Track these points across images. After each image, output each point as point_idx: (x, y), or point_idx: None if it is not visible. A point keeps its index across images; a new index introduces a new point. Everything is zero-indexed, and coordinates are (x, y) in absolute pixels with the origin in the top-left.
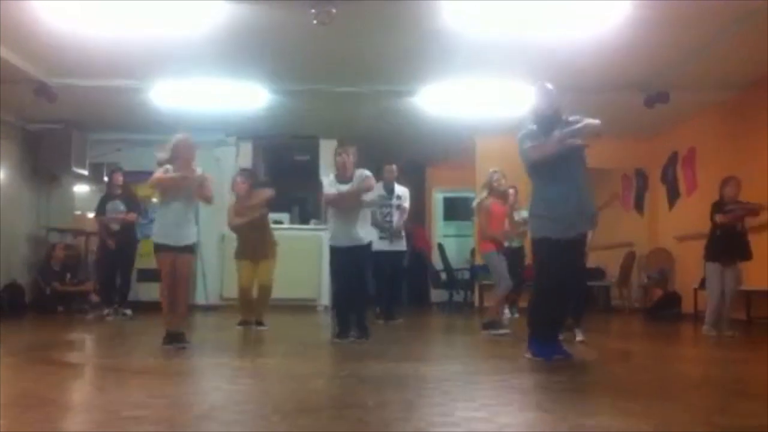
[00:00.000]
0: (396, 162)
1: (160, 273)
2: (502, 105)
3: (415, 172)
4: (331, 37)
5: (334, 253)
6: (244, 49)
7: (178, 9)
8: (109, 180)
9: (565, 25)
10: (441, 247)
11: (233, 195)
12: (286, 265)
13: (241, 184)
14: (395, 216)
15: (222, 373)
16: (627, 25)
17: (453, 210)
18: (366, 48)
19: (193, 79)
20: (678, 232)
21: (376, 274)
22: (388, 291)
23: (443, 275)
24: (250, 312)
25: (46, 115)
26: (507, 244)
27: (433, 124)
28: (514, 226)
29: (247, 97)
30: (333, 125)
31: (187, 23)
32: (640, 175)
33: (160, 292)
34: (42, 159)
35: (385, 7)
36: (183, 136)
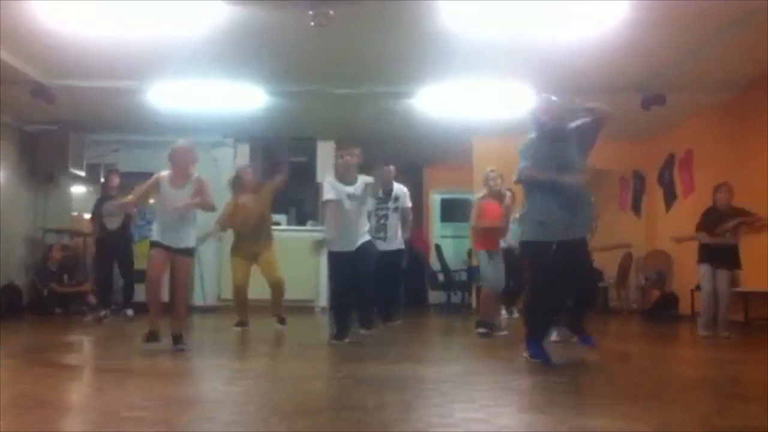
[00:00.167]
0: (394, 163)
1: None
2: (499, 106)
3: (412, 174)
4: (328, 39)
5: (334, 257)
6: (241, 51)
7: (176, 10)
8: (105, 181)
9: (563, 26)
10: (438, 248)
11: (231, 191)
12: (283, 266)
13: (250, 173)
14: (391, 219)
15: (220, 374)
16: (624, 26)
17: (450, 211)
18: (364, 49)
19: (191, 80)
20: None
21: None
22: (385, 292)
23: (441, 276)
24: (246, 312)
25: (44, 116)
26: (504, 244)
27: (431, 125)
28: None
29: (245, 98)
30: (330, 127)
31: (185, 24)
32: (638, 177)
33: (146, 289)
34: (39, 160)
35: (383, 8)
36: (181, 142)
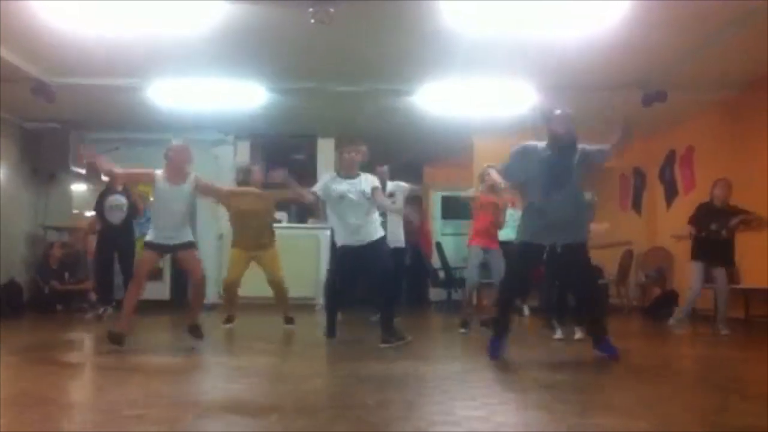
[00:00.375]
0: (388, 162)
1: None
2: (500, 105)
3: (413, 171)
4: (329, 36)
5: (336, 249)
6: (242, 48)
7: (177, 8)
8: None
9: (563, 25)
10: (439, 245)
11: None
12: (284, 263)
13: (258, 172)
14: (389, 218)
15: (222, 372)
16: (625, 25)
17: (451, 209)
18: (364, 46)
19: (192, 78)
20: (676, 231)
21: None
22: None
23: (441, 274)
24: (235, 308)
25: (45, 114)
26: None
27: (431, 123)
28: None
29: (246, 95)
30: (331, 124)
31: (185, 22)
32: (638, 174)
33: (127, 289)
34: (40, 158)
35: (384, 5)
36: (176, 142)
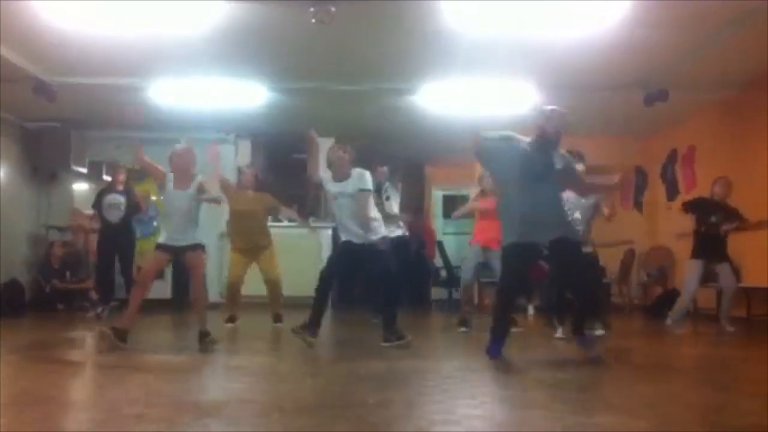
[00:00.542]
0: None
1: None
2: (501, 104)
3: (414, 170)
4: (330, 36)
5: (342, 245)
6: (243, 48)
7: (178, 8)
8: (112, 178)
9: (563, 25)
10: (441, 244)
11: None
12: (284, 262)
13: (249, 175)
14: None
15: (222, 371)
16: (625, 25)
17: (452, 208)
18: (365, 46)
19: (193, 77)
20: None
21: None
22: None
23: (443, 273)
24: (237, 307)
25: (46, 114)
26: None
27: (433, 122)
28: None
29: (246, 95)
30: (332, 123)
31: (186, 22)
32: (640, 172)
33: (134, 287)
34: (41, 157)
35: (385, 5)
36: (179, 146)
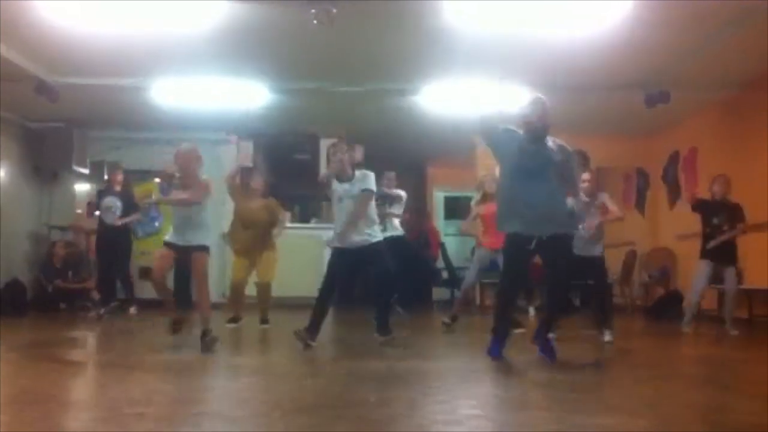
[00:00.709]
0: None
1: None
2: (502, 104)
3: (415, 171)
4: (331, 36)
5: (333, 253)
6: (244, 48)
7: (179, 8)
8: (110, 178)
9: (565, 25)
10: (442, 245)
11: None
12: (286, 263)
13: (260, 182)
14: (391, 220)
15: (223, 370)
16: (626, 25)
17: (454, 209)
18: (366, 46)
19: (194, 77)
20: (679, 232)
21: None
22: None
23: (445, 274)
24: (241, 308)
25: (48, 113)
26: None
27: (434, 122)
28: None
29: (248, 95)
30: (334, 124)
31: (188, 22)
32: (642, 174)
33: (154, 285)
34: (43, 157)
35: (386, 5)
36: (183, 147)
